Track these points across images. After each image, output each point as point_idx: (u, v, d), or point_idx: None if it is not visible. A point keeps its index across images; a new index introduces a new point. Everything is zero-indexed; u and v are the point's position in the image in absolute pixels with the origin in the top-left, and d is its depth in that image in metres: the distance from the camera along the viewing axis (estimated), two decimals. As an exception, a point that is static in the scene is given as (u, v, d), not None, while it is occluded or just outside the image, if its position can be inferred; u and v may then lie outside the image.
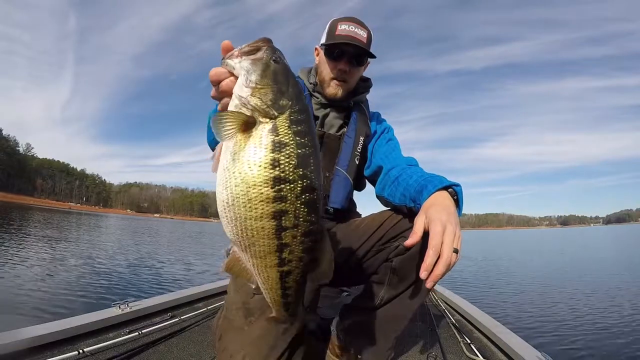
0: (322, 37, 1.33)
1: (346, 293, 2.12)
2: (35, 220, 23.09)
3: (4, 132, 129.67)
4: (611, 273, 8.90)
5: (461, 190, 0.99)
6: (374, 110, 1.50)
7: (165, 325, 1.83)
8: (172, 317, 1.95)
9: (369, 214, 1.30)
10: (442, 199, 0.93)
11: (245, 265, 0.63)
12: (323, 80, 1.33)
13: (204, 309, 2.18)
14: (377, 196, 1.31)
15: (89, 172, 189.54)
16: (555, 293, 6.25)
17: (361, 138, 1.35)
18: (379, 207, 1.30)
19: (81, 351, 1.37)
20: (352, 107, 1.39)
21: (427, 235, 0.84)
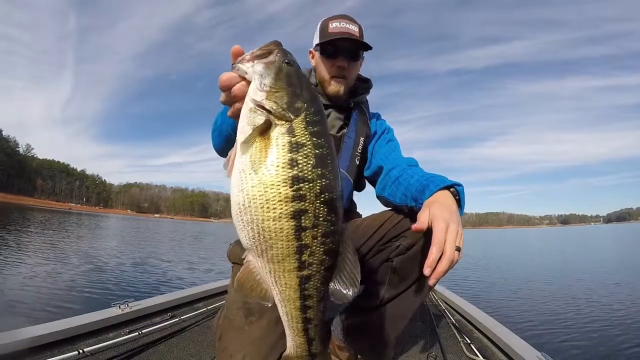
0: (315, 38, 1.32)
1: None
2: (35, 220, 23.09)
3: (4, 133, 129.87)
4: (611, 272, 8.90)
5: (463, 189, 0.99)
6: (374, 111, 1.50)
7: (165, 325, 1.83)
8: (172, 317, 1.95)
9: (370, 214, 1.30)
10: (444, 197, 0.93)
11: (259, 278, 0.59)
12: (323, 80, 1.33)
13: (204, 309, 2.18)
14: (378, 196, 1.31)
15: (89, 172, 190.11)
16: (556, 293, 6.25)
17: (361, 139, 1.35)
18: (379, 208, 1.30)
19: (81, 351, 1.38)
20: (352, 108, 1.39)
21: (429, 233, 0.84)
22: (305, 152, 0.55)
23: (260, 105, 0.56)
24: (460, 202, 0.97)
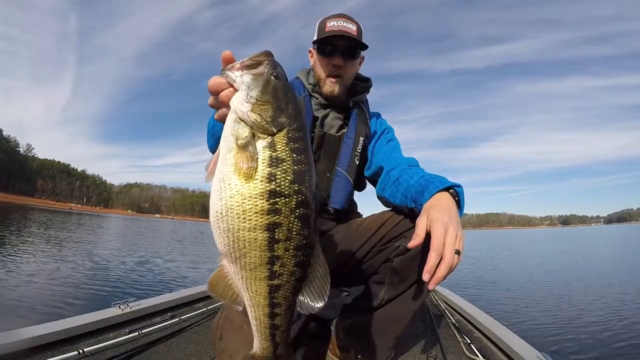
0: (314, 38, 1.33)
1: (346, 293, 2.11)
2: (35, 221, 23.10)
3: (5, 133, 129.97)
4: (612, 272, 8.89)
5: (462, 190, 0.99)
6: (374, 111, 1.50)
7: (165, 325, 1.83)
8: (172, 317, 1.95)
9: (370, 215, 1.30)
10: (443, 199, 0.93)
11: (231, 282, 0.62)
12: (319, 79, 1.33)
13: (204, 309, 2.18)
14: (378, 197, 1.31)
15: (89, 172, 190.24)
16: (556, 293, 6.24)
17: (361, 138, 1.35)
18: (379, 208, 1.31)
19: (81, 351, 1.38)
20: (352, 108, 1.39)
21: (428, 236, 0.84)
22: (284, 167, 0.57)
23: (245, 117, 0.58)
24: (460, 203, 0.97)
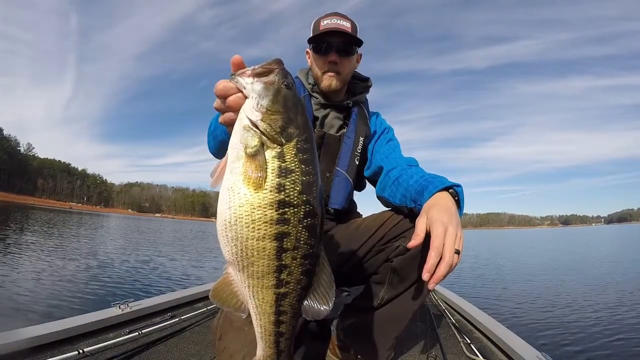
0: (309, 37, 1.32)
1: (346, 293, 2.11)
2: (35, 220, 23.12)
3: (5, 132, 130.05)
4: (612, 272, 8.89)
5: (462, 190, 0.99)
6: (374, 110, 1.50)
7: (165, 325, 1.83)
8: (172, 317, 1.95)
9: (370, 215, 1.30)
10: (443, 199, 0.93)
11: (235, 290, 0.63)
12: (317, 76, 1.33)
13: (204, 309, 2.18)
14: (378, 197, 1.31)
15: (90, 171, 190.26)
16: (556, 293, 6.24)
17: (361, 138, 1.34)
18: (379, 208, 1.31)
19: (81, 351, 1.38)
20: (352, 108, 1.38)
21: (428, 236, 0.84)
22: (293, 178, 0.58)
23: (255, 125, 0.58)
24: (459, 203, 0.97)
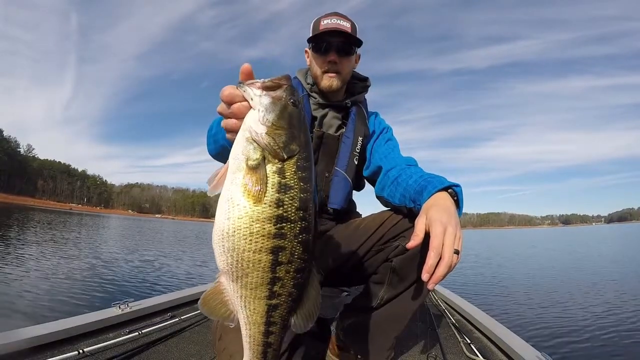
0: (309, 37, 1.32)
1: (346, 293, 2.11)
2: (35, 221, 23.12)
3: (5, 133, 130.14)
4: (612, 272, 8.88)
5: (461, 190, 0.99)
6: (373, 110, 1.50)
7: (165, 325, 1.83)
8: (172, 317, 1.95)
9: (369, 214, 1.30)
10: (442, 199, 0.93)
11: (226, 299, 0.63)
12: (316, 76, 1.32)
13: (204, 309, 2.18)
14: (377, 196, 1.31)
15: (90, 172, 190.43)
16: (556, 293, 6.24)
17: (359, 138, 1.35)
18: (379, 207, 1.31)
19: (81, 351, 1.38)
20: (350, 107, 1.38)
21: (427, 236, 0.84)
22: (291, 194, 0.59)
23: (258, 138, 0.59)
24: (458, 203, 0.97)
